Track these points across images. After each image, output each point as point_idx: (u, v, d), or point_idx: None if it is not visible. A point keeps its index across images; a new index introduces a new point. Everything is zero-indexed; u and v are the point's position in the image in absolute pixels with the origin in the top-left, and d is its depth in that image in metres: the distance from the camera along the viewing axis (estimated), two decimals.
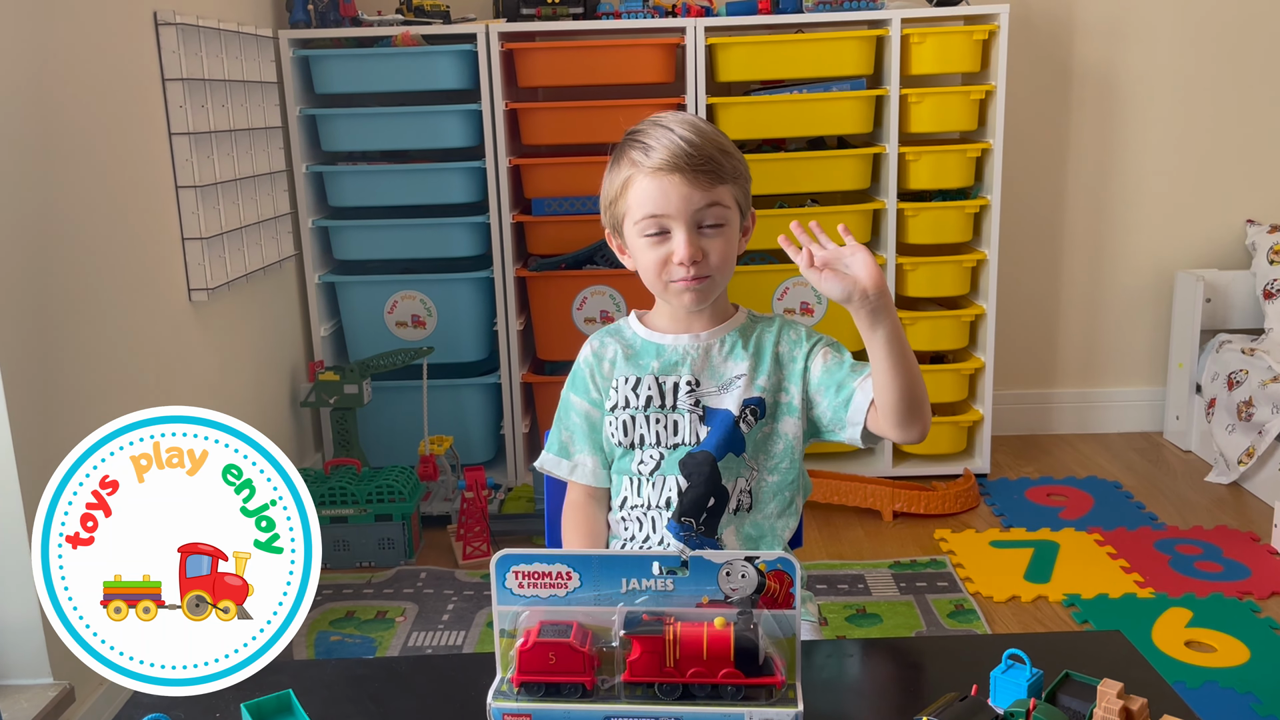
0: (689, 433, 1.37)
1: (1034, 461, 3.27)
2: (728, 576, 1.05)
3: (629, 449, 1.39)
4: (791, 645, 1.06)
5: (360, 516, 2.69)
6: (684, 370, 1.38)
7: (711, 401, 1.37)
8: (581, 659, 1.05)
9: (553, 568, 1.07)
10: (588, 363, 1.44)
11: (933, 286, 3.03)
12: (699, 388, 1.38)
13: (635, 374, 1.40)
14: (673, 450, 1.37)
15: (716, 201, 1.31)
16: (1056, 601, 2.40)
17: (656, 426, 1.38)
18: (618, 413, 1.39)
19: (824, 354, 1.37)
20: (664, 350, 1.40)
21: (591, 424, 1.42)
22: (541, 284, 3.02)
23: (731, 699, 1.04)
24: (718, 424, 1.37)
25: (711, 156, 1.31)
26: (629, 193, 1.34)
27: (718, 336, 1.40)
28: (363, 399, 2.87)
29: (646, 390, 1.38)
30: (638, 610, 1.06)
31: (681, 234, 1.31)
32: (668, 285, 1.35)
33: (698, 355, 1.39)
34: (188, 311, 2.35)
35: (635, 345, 1.42)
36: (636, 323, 1.44)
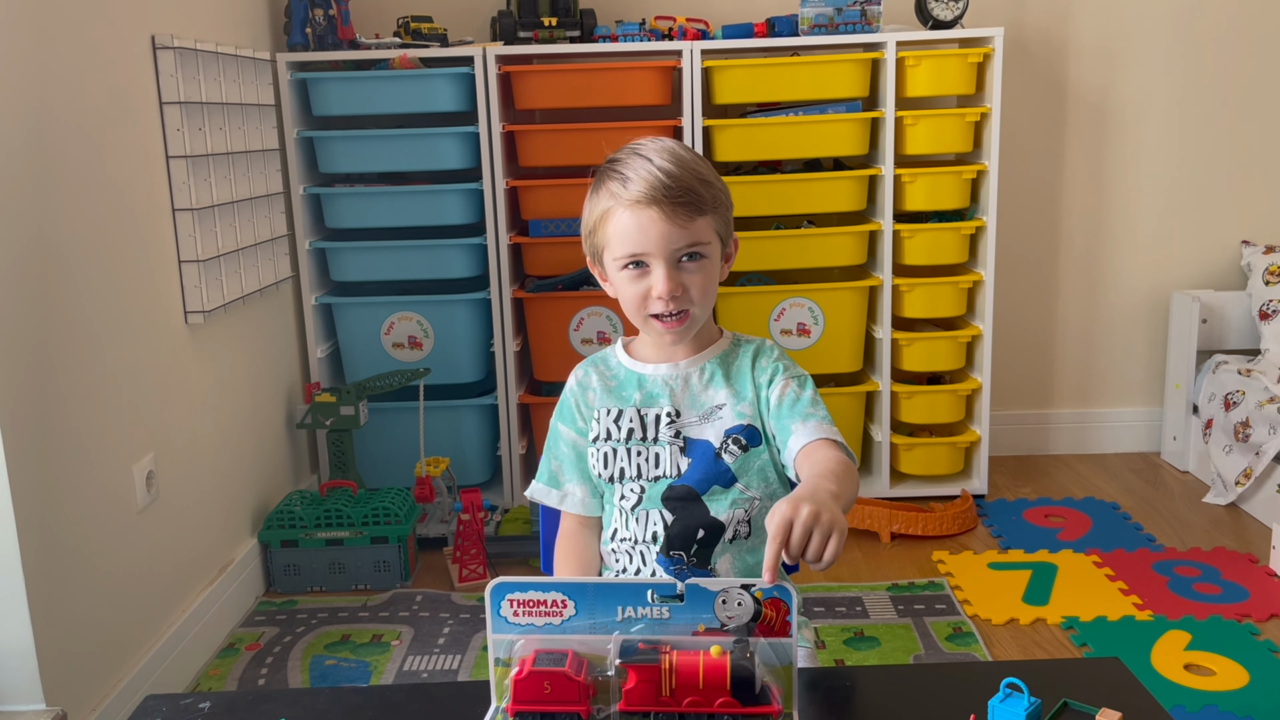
0: (669, 465, 1.36)
1: (1031, 482, 3.26)
2: (724, 604, 1.05)
3: (609, 482, 1.38)
4: (789, 674, 1.06)
5: (356, 539, 2.68)
6: (664, 401, 1.37)
7: (692, 432, 1.36)
8: (577, 688, 1.04)
9: (548, 596, 1.06)
10: (573, 393, 1.43)
11: (929, 308, 3.03)
12: (679, 418, 1.37)
13: (618, 405, 1.39)
14: (654, 483, 1.36)
15: (696, 239, 1.30)
16: (1055, 624, 2.39)
17: (638, 459, 1.37)
18: (599, 445, 1.38)
19: (783, 386, 1.35)
20: (645, 381, 1.39)
21: (579, 453, 1.41)
22: (538, 305, 3.02)
23: None
24: (698, 456, 1.36)
25: (690, 188, 1.29)
26: (607, 225, 1.34)
27: (697, 365, 1.39)
28: (359, 420, 2.86)
29: (628, 423, 1.38)
30: (633, 639, 1.05)
31: (660, 270, 1.30)
32: (647, 320, 1.35)
33: (678, 385, 1.38)
34: (184, 334, 2.34)
35: (619, 375, 1.41)
36: (622, 351, 1.44)
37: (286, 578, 2.69)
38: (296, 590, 2.69)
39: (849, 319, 3.05)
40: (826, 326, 3.03)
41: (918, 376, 3.15)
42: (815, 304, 3.02)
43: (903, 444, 3.10)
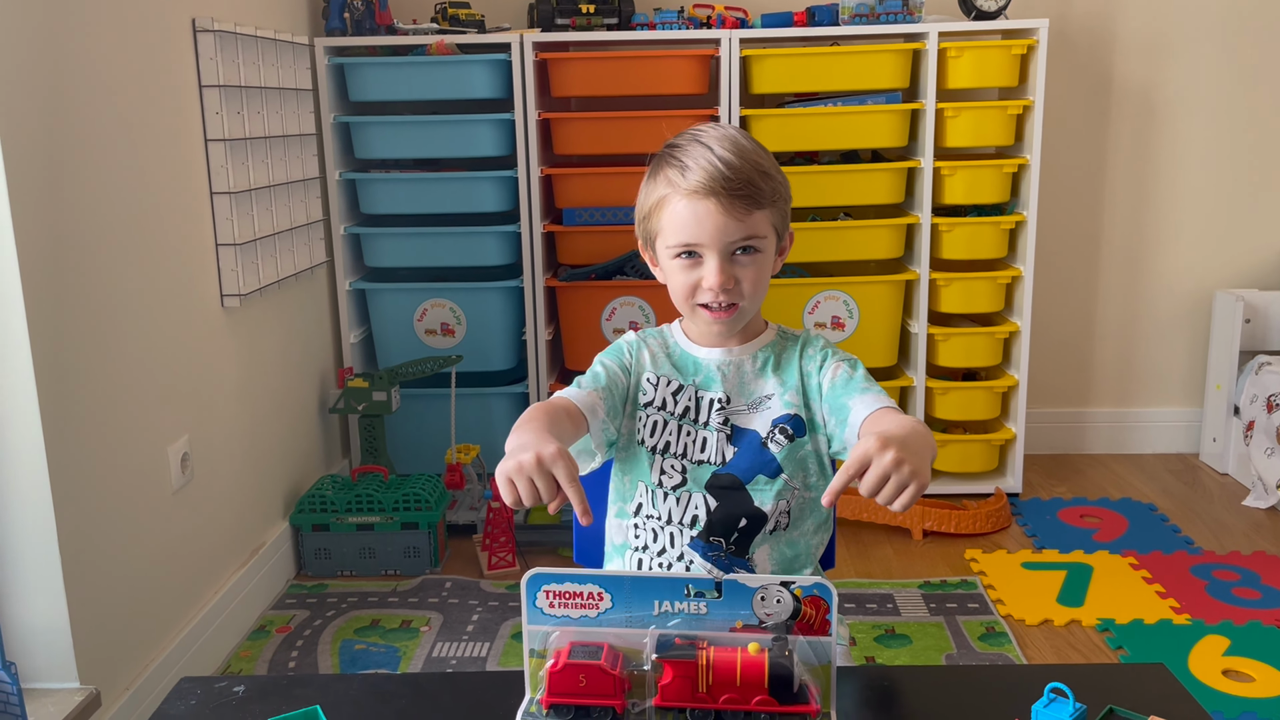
0: (715, 451, 1.34)
1: (1066, 481, 3.22)
2: (762, 601, 1.03)
3: (650, 452, 1.36)
4: (827, 673, 1.04)
5: (387, 524, 2.68)
6: (717, 387, 1.36)
7: (741, 420, 1.35)
8: (612, 682, 1.03)
9: (584, 588, 1.05)
10: (629, 344, 1.40)
11: (966, 303, 2.99)
12: (729, 405, 1.36)
13: (675, 379, 1.37)
14: (697, 466, 1.35)
15: (752, 234, 1.28)
16: (1090, 626, 2.36)
17: (685, 439, 1.36)
18: (650, 411, 1.37)
19: (834, 369, 1.34)
20: (700, 364, 1.38)
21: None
22: (571, 294, 3.01)
23: None
24: (744, 446, 1.34)
25: (749, 180, 1.27)
26: (663, 213, 1.32)
27: (749, 353, 1.38)
28: (391, 406, 2.86)
29: (685, 400, 1.36)
30: (670, 633, 1.04)
31: (714, 262, 1.29)
32: (695, 309, 1.33)
33: (730, 371, 1.37)
34: (219, 317, 2.35)
35: (675, 354, 1.40)
36: (679, 332, 1.42)
37: (317, 561, 2.70)
38: (327, 574, 2.70)
39: (884, 313, 3.02)
40: (861, 320, 2.99)
41: (953, 372, 3.12)
42: (850, 297, 2.99)
43: (937, 441, 3.06)
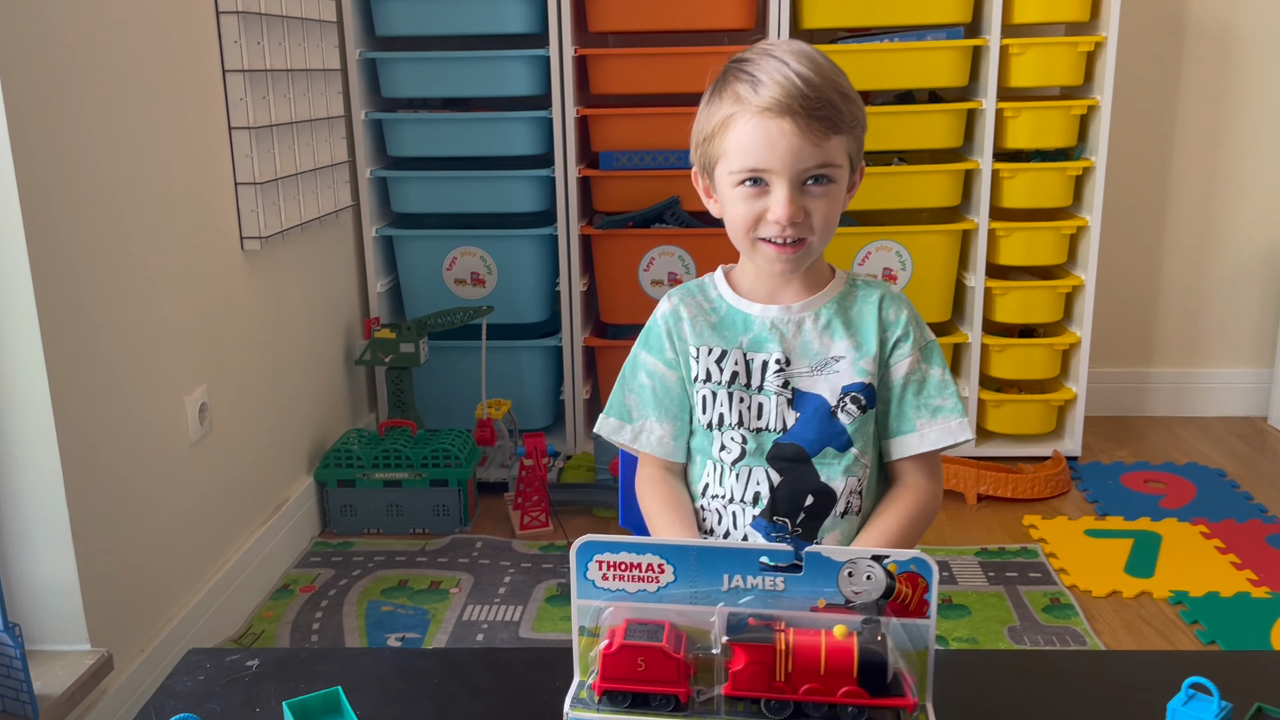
0: (775, 417, 1.21)
1: (1127, 445, 3.06)
2: (850, 577, 0.89)
3: (707, 429, 1.23)
4: (924, 660, 0.90)
5: (415, 481, 2.57)
6: (773, 347, 1.21)
7: (803, 384, 1.21)
8: (675, 667, 0.90)
9: (643, 559, 0.92)
10: (665, 319, 1.28)
11: (1027, 255, 2.82)
12: (789, 367, 1.21)
13: (720, 345, 1.24)
14: (756, 435, 1.21)
15: (827, 161, 1.15)
16: (1162, 598, 2.21)
17: (739, 406, 1.22)
18: (698, 386, 1.24)
19: (910, 362, 1.23)
20: (752, 322, 1.23)
21: (665, 387, 1.26)
22: (607, 243, 2.86)
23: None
24: (809, 412, 1.21)
25: (829, 100, 1.14)
26: (728, 134, 1.17)
27: (812, 309, 1.23)
28: (419, 358, 2.74)
29: (732, 365, 1.22)
30: (742, 612, 0.91)
31: (782, 191, 1.14)
32: (756, 244, 1.19)
33: (789, 330, 1.22)
34: (240, 261, 2.22)
35: (720, 311, 1.26)
36: (724, 283, 1.28)
37: (343, 519, 2.59)
38: (353, 532, 2.59)
39: (939, 265, 2.85)
40: (915, 272, 2.83)
41: (1010, 329, 2.95)
42: (904, 248, 2.82)
43: (991, 400, 2.91)
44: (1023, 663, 1.05)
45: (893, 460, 1.25)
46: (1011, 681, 1.00)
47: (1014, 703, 0.96)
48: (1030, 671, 1.02)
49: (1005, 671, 1.01)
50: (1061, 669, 1.02)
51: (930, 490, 1.25)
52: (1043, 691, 0.98)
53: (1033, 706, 0.95)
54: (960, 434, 1.23)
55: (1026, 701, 0.96)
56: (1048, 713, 0.94)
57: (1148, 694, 0.93)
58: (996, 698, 0.97)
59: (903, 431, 1.23)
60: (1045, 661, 1.04)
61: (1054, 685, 0.99)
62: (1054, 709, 0.95)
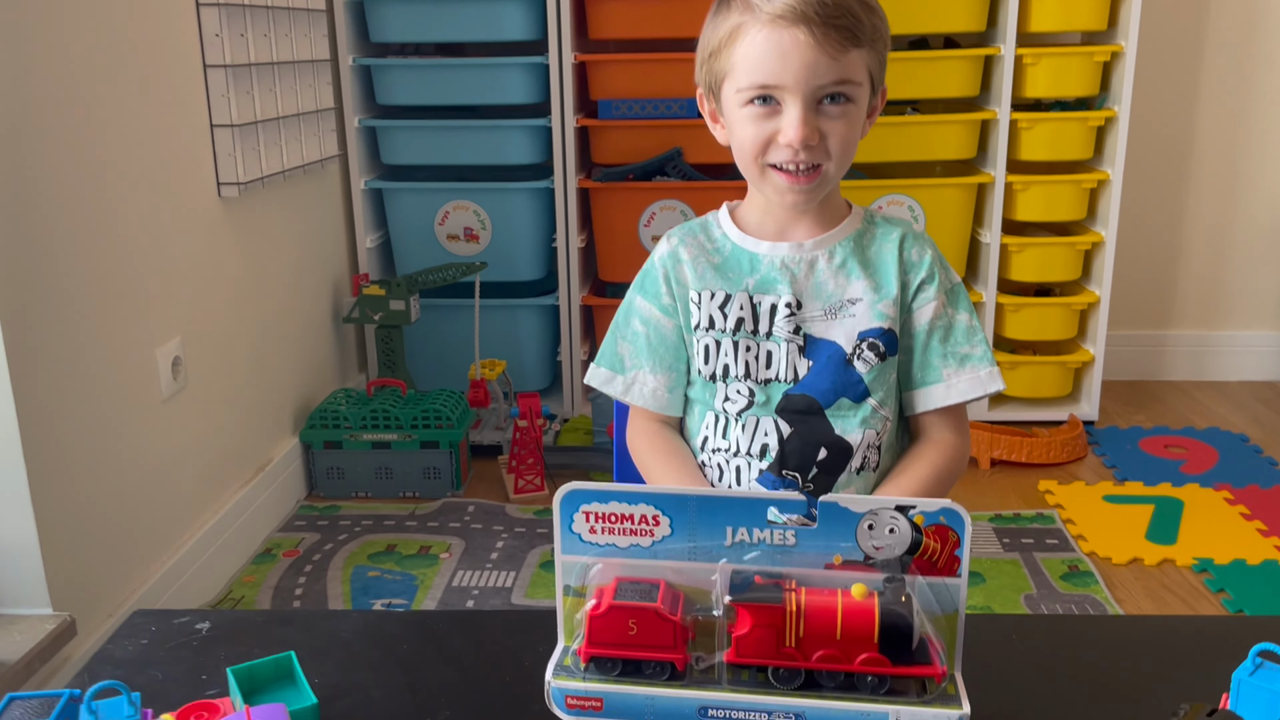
0: (785, 366, 1.10)
1: (1145, 410, 2.95)
2: (871, 530, 0.79)
3: (710, 381, 1.13)
4: (953, 625, 0.80)
5: (405, 443, 2.46)
6: (782, 288, 1.10)
7: (816, 329, 1.10)
8: (671, 630, 0.79)
9: (635, 509, 0.81)
10: (663, 262, 1.17)
11: (1046, 210, 2.70)
12: (800, 310, 1.10)
13: (724, 288, 1.13)
14: (765, 386, 1.11)
15: (846, 78, 1.03)
16: (1185, 566, 2.11)
17: (746, 355, 1.11)
18: (699, 335, 1.13)
19: (935, 306, 1.12)
20: (759, 262, 1.12)
21: (660, 335, 1.16)
22: (606, 196, 2.74)
23: (872, 692, 0.78)
24: (823, 359, 1.10)
25: (849, 8, 1.02)
26: (736, 46, 1.06)
27: (825, 247, 1.12)
28: (410, 316, 2.63)
29: (737, 310, 1.11)
30: (747, 570, 0.80)
31: (795, 110, 1.03)
32: (766, 171, 1.08)
33: (800, 270, 1.11)
34: (217, 208, 2.11)
35: (724, 251, 1.15)
36: (728, 220, 1.17)
37: (330, 482, 2.49)
38: (340, 495, 2.49)
39: (953, 220, 2.72)
40: (927, 228, 2.71)
41: (1026, 288, 2.83)
42: (916, 202, 2.70)
43: (1006, 362, 2.79)
44: (1062, 629, 0.94)
45: (916, 414, 1.14)
46: (1046, 648, 0.89)
47: (1049, 670, 0.86)
48: (1066, 638, 0.91)
49: (1039, 638, 0.91)
50: (1108, 633, 0.92)
51: (958, 446, 1.14)
52: (1084, 658, 0.87)
53: (1074, 676, 0.85)
54: (991, 384, 1.12)
55: (1066, 670, 0.86)
56: (1091, 683, 0.84)
57: (1204, 661, 0.83)
58: (1031, 666, 0.87)
59: (927, 382, 1.13)
60: (1089, 628, 0.94)
61: (1097, 651, 0.88)
62: (1097, 679, 0.84)
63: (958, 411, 1.16)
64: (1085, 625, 0.93)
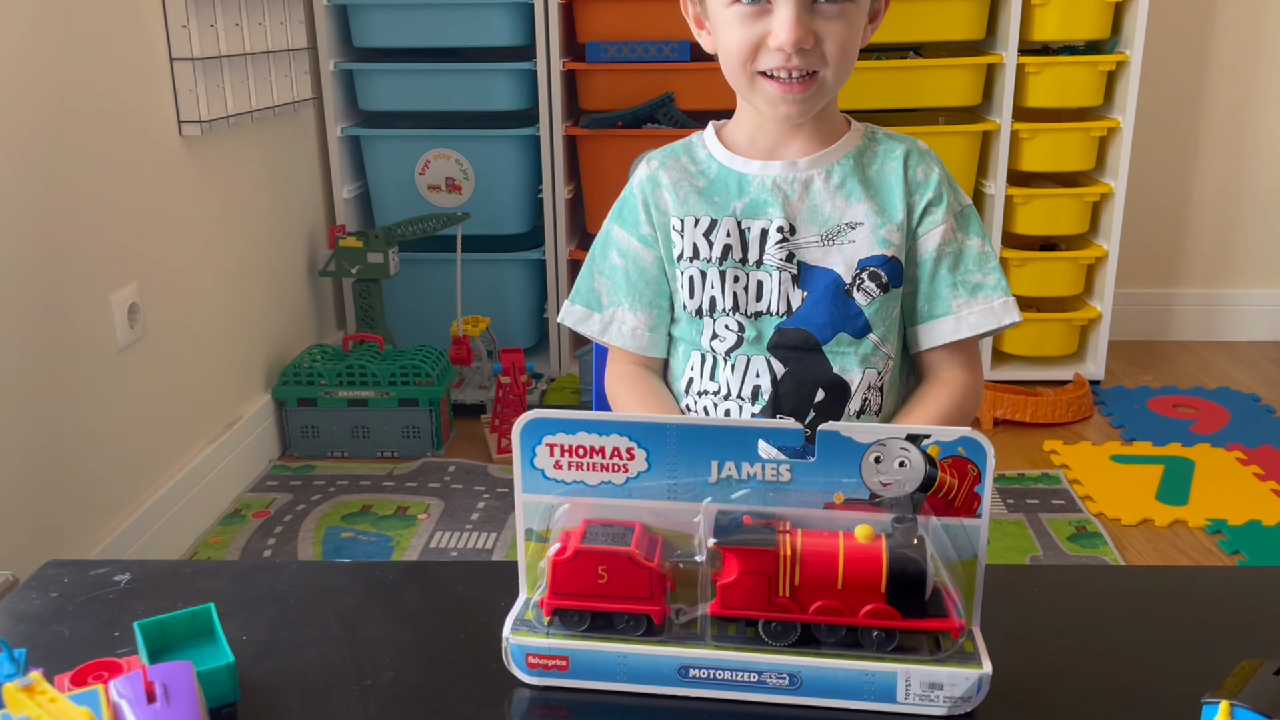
0: (777, 298, 1.00)
1: (1152, 370, 2.85)
2: (878, 464, 0.68)
3: (696, 316, 1.02)
4: (971, 572, 0.69)
5: (382, 400, 2.35)
6: (774, 212, 1.00)
7: (811, 256, 1.00)
8: (647, 578, 0.69)
9: (606, 441, 0.70)
10: (641, 188, 1.07)
11: (1053, 159, 2.58)
12: (794, 236, 1.00)
13: (709, 213, 1.03)
14: (755, 320, 1.01)
15: None
16: (1198, 527, 2.01)
17: (734, 287, 1.01)
18: (683, 265, 1.02)
19: (944, 230, 1.02)
20: (748, 183, 1.02)
21: (640, 269, 1.06)
22: (594, 145, 2.62)
23: (879, 649, 0.68)
24: (819, 290, 1.00)
25: None
26: None
27: (822, 165, 1.02)
28: (389, 270, 2.51)
29: (724, 237, 1.01)
30: (735, 510, 0.70)
31: (787, 9, 0.93)
32: (755, 80, 0.97)
33: (793, 191, 1.01)
34: (178, 147, 1.98)
35: (710, 173, 1.04)
36: (713, 139, 1.06)
37: (304, 441, 2.39)
38: (315, 455, 2.39)
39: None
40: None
41: (1031, 242, 2.72)
42: None
43: None
44: (1085, 581, 0.84)
45: (922, 350, 1.04)
46: (1073, 602, 0.79)
47: (1080, 628, 0.75)
48: (1096, 590, 0.81)
49: (1065, 590, 0.81)
50: (1133, 588, 0.82)
51: (969, 386, 1.04)
52: (1115, 614, 0.77)
53: (1107, 632, 0.75)
54: (1005, 316, 1.02)
55: (1097, 626, 0.75)
56: (1128, 641, 0.74)
57: (1253, 615, 0.73)
58: (1055, 622, 0.76)
59: (935, 315, 1.03)
60: (1121, 579, 0.83)
61: (1134, 602, 0.78)
62: (1134, 635, 0.74)
63: (969, 347, 1.06)
64: (1118, 577, 0.83)
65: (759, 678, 0.68)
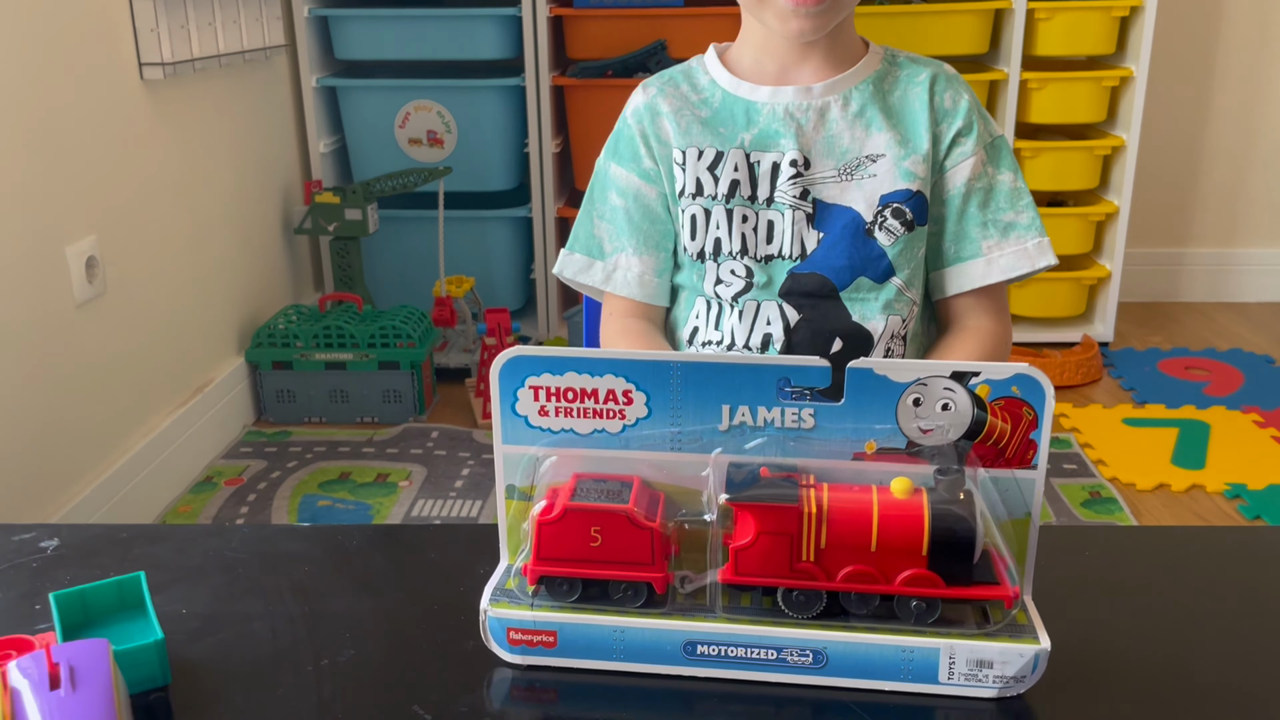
0: (790, 240, 0.91)
1: (1162, 331, 2.75)
2: (918, 407, 0.58)
3: (697, 259, 0.93)
4: (1023, 533, 0.60)
5: (361, 363, 2.24)
6: (787, 143, 0.90)
7: (827, 193, 0.91)
8: (647, 541, 0.59)
9: (600, 383, 0.60)
10: (638, 118, 0.97)
11: (1063, 110, 2.47)
12: (809, 170, 0.90)
13: (714, 145, 0.93)
14: (765, 265, 0.91)
15: None
16: (1216, 492, 1.93)
17: (743, 228, 0.92)
18: (685, 203, 0.92)
19: (974, 164, 0.93)
20: (756, 111, 0.92)
21: (644, 207, 0.96)
22: (583, 95, 2.50)
23: (918, 622, 0.58)
24: (837, 230, 0.91)
25: None
26: None
27: (838, 91, 0.92)
28: (367, 227, 2.39)
29: (730, 171, 0.92)
30: (749, 462, 0.60)
31: None
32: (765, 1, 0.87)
33: (808, 120, 0.91)
34: (139, 91, 1.86)
35: (713, 101, 0.94)
36: (715, 63, 0.96)
37: (280, 406, 2.28)
38: (291, 420, 2.28)
39: None
40: None
41: (1039, 198, 2.61)
42: None
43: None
44: (1144, 541, 0.74)
45: (947, 297, 0.95)
46: (1127, 564, 0.69)
47: (1138, 593, 0.66)
48: (1148, 547, 0.71)
49: (1115, 551, 0.71)
50: (1196, 548, 0.72)
51: (999, 336, 0.95)
52: (1181, 576, 0.67)
53: (1174, 600, 0.65)
54: (1040, 258, 0.94)
55: (1159, 590, 0.66)
56: (1207, 607, 0.64)
57: None
58: (1110, 586, 0.67)
59: (963, 257, 0.93)
60: (1180, 540, 0.74)
61: (1200, 566, 0.69)
62: (1208, 601, 0.65)
63: (998, 294, 0.97)
64: (1185, 539, 0.74)
65: (778, 655, 0.59)
